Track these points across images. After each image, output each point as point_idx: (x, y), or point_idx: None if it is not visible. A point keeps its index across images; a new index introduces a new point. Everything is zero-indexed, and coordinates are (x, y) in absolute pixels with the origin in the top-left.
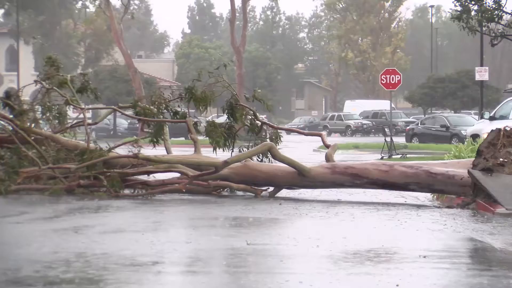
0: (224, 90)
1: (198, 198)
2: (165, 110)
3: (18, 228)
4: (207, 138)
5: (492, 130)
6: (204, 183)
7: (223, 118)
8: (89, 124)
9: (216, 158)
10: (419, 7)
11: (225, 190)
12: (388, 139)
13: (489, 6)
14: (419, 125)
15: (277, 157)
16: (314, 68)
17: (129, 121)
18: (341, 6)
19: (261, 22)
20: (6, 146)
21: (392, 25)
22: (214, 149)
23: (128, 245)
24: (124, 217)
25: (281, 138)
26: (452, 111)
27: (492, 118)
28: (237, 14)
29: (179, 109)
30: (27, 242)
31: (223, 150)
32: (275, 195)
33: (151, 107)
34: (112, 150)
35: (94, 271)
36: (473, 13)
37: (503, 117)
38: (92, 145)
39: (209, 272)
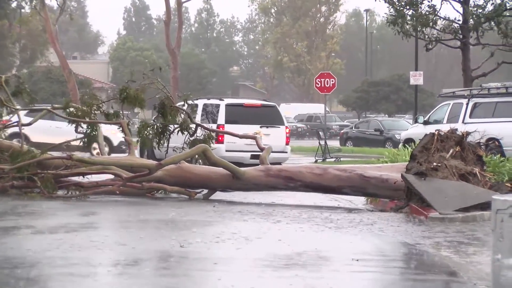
0: (159, 92)
1: (132, 200)
2: (98, 112)
3: None
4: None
5: (426, 135)
6: (138, 185)
7: None
8: (23, 125)
9: (150, 160)
10: (352, 12)
11: (159, 192)
12: (322, 142)
13: (424, 11)
14: (353, 129)
15: (211, 159)
16: (249, 71)
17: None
18: (275, 9)
19: (196, 25)
20: None
21: (328, 29)
22: (149, 146)
23: (59, 246)
24: (57, 218)
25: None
26: (386, 115)
27: (426, 123)
28: (172, 17)
29: (113, 111)
30: None
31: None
32: (209, 198)
33: (85, 108)
34: (47, 152)
35: (21, 273)
36: (408, 18)
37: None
38: (25, 146)
39: (139, 274)
